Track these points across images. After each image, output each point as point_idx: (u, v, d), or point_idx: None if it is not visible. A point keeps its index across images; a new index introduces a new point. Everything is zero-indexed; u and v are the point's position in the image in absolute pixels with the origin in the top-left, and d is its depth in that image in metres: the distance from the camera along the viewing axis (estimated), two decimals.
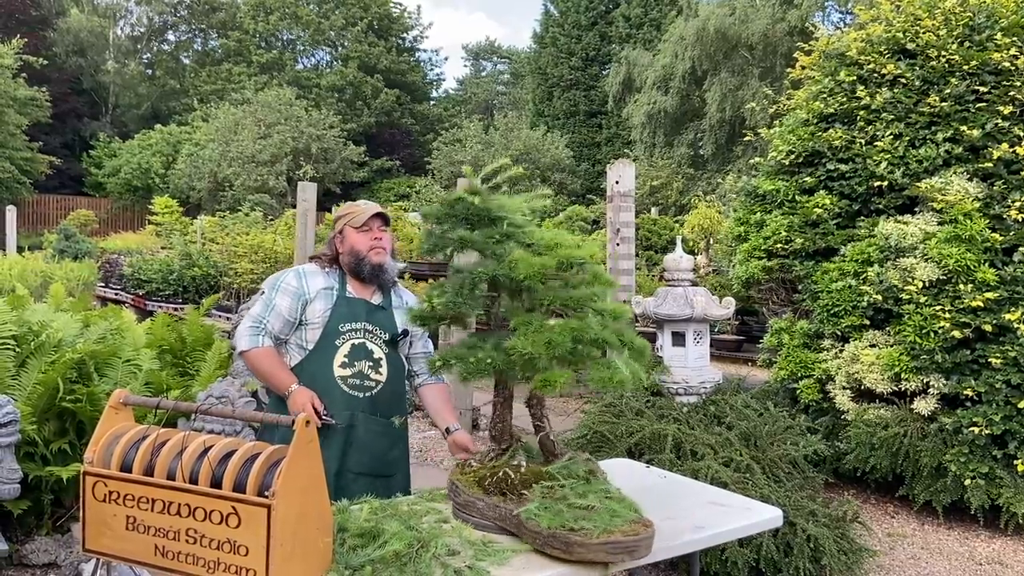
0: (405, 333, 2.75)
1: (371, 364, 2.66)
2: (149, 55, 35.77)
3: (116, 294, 11.05)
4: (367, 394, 2.64)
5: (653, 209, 17.06)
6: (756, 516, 2.33)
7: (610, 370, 1.89)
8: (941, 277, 4.28)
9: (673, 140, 21.99)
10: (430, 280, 8.09)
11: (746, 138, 6.27)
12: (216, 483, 1.70)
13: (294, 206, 9.14)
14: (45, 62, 25.87)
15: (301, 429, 1.69)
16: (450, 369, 2.11)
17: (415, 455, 5.48)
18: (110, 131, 30.85)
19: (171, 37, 36.51)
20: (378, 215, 2.71)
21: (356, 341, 2.65)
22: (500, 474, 2.06)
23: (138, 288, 10.65)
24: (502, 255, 2.02)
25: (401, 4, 35.06)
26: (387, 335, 2.71)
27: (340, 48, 33.32)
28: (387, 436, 2.70)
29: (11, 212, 17.01)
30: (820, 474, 4.13)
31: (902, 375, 4.35)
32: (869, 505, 4.74)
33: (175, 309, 9.20)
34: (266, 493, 1.64)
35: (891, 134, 4.78)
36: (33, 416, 3.23)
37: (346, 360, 2.63)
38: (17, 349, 3.48)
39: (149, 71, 35.02)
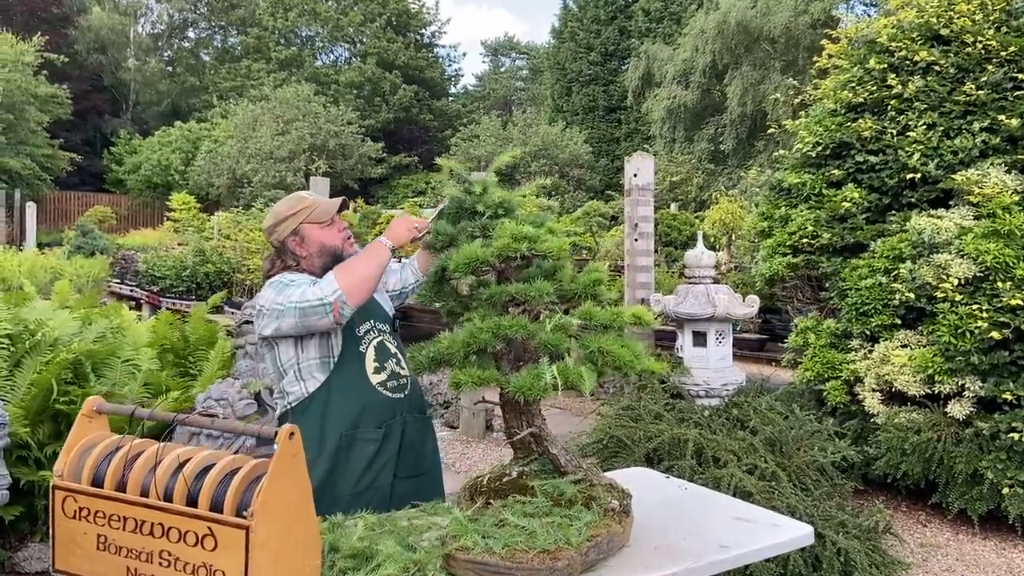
0: (397, 318, 2.55)
1: (396, 361, 2.44)
2: (169, 52, 35.99)
3: (131, 291, 11.01)
4: (404, 393, 2.43)
5: (672, 204, 16.82)
6: (784, 534, 2.15)
7: (535, 377, 1.78)
8: (978, 274, 4.06)
9: (693, 135, 21.69)
10: None
11: (769, 130, 6.07)
12: (192, 501, 1.55)
13: None
14: (66, 59, 26.04)
15: (284, 442, 1.54)
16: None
17: None
18: (131, 128, 31.06)
19: (191, 34, 36.76)
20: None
21: (376, 341, 2.41)
22: (485, 481, 1.95)
23: (152, 285, 10.59)
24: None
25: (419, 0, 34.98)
26: (388, 326, 2.49)
27: (359, 44, 33.29)
28: (425, 431, 2.53)
29: (31, 208, 17.09)
30: (848, 481, 3.94)
31: (936, 377, 4.15)
32: (900, 513, 4.53)
33: (187, 306, 9.13)
34: (244, 513, 1.49)
35: (924, 124, 4.57)
36: (26, 418, 3.10)
37: (377, 364, 2.38)
38: (12, 348, 3.36)
39: (169, 68, 35.24)
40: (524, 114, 26.53)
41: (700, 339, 4.38)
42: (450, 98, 38.18)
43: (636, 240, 5.09)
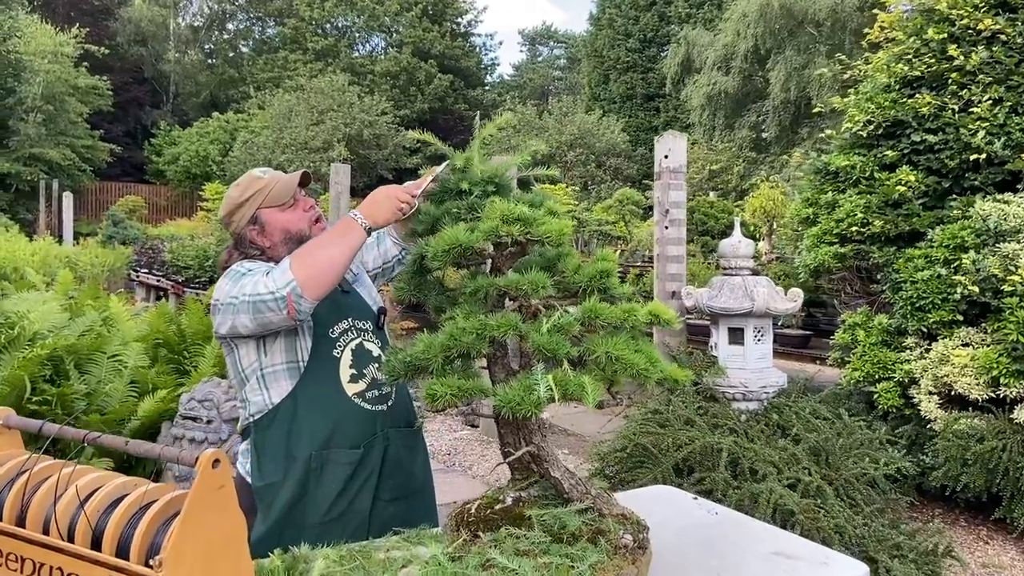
0: (383, 311, 2.16)
1: (378, 366, 2.03)
2: (209, 44, 36.24)
3: (158, 281, 10.90)
4: (388, 404, 2.05)
5: (711, 193, 16.33)
6: (834, 574, 1.81)
7: (526, 389, 1.44)
8: None
9: (734, 122, 21.11)
10: None
11: (816, 111, 5.64)
12: (96, 540, 1.26)
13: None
14: (107, 51, 26.31)
15: (205, 471, 1.23)
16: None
17: (443, 459, 5.04)
18: (171, 119, 31.33)
19: (230, 26, 36.95)
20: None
21: (354, 344, 2.03)
22: (473, 509, 1.64)
23: (177, 274, 10.45)
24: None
25: None
26: (370, 323, 2.09)
27: (394, 34, 33.17)
28: (414, 446, 2.14)
29: (68, 199, 17.15)
30: (902, 494, 3.55)
31: (1001, 379, 3.75)
32: (959, 528, 4.12)
33: None
34: (151, 562, 1.19)
35: (989, 99, 4.15)
36: None
37: (355, 372, 2.00)
38: None
39: (208, 60, 35.50)
40: (560, 103, 26.09)
41: (737, 336, 4.01)
42: (486, 87, 37.86)
43: (667, 228, 4.72)
